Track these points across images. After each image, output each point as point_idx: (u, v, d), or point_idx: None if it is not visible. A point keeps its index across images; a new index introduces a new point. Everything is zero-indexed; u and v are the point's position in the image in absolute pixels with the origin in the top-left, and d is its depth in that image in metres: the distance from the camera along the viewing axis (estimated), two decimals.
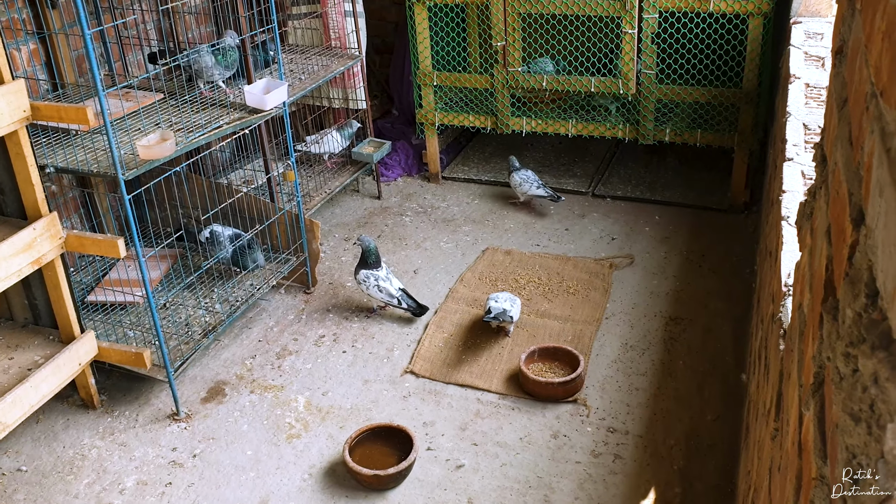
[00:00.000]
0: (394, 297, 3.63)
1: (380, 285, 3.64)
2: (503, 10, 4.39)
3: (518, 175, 4.60)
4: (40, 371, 2.84)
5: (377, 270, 3.66)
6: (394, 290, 3.64)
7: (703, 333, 3.51)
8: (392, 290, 3.64)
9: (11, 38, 3.37)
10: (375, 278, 3.64)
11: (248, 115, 3.36)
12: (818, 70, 3.26)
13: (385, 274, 3.67)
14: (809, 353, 1.05)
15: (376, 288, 3.64)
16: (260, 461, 2.96)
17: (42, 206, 2.81)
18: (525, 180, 4.57)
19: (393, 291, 3.64)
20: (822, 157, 1.26)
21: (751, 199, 4.49)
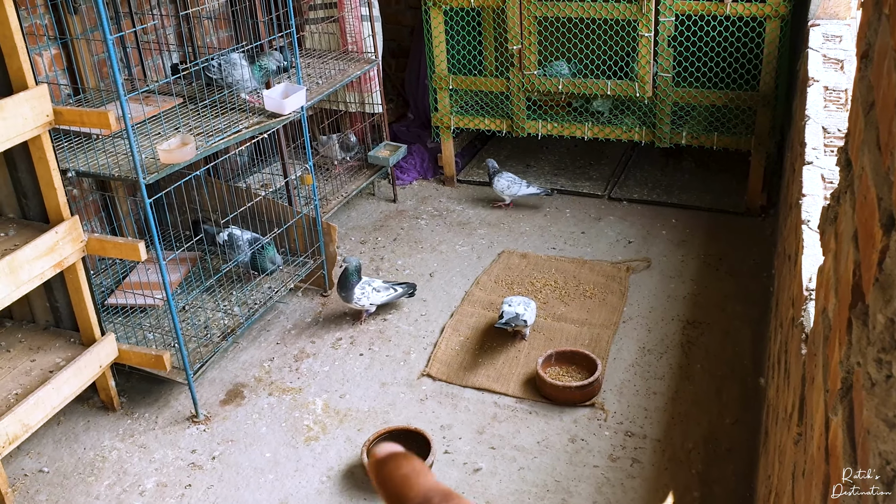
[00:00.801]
0: (391, 291, 3.73)
1: (376, 288, 3.70)
2: (519, 14, 4.40)
3: (503, 179, 4.60)
4: (62, 373, 2.87)
5: (364, 282, 3.70)
6: (385, 285, 3.74)
7: (721, 337, 3.50)
8: (385, 286, 3.74)
9: (34, 43, 3.41)
10: (371, 287, 3.69)
11: (266, 119, 3.38)
12: (837, 73, 3.24)
13: (370, 281, 3.73)
14: (836, 357, 1.05)
15: (375, 293, 3.69)
16: (279, 463, 2.97)
17: (64, 210, 2.85)
18: (513, 182, 4.59)
19: (385, 287, 3.73)
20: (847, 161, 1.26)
21: (768, 203, 4.48)
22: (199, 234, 3.56)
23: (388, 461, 0.37)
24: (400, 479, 0.36)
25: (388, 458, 0.36)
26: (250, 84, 3.47)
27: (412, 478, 0.36)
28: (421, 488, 0.35)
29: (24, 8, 3.34)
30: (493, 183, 4.65)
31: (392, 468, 0.36)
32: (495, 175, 4.64)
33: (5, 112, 2.51)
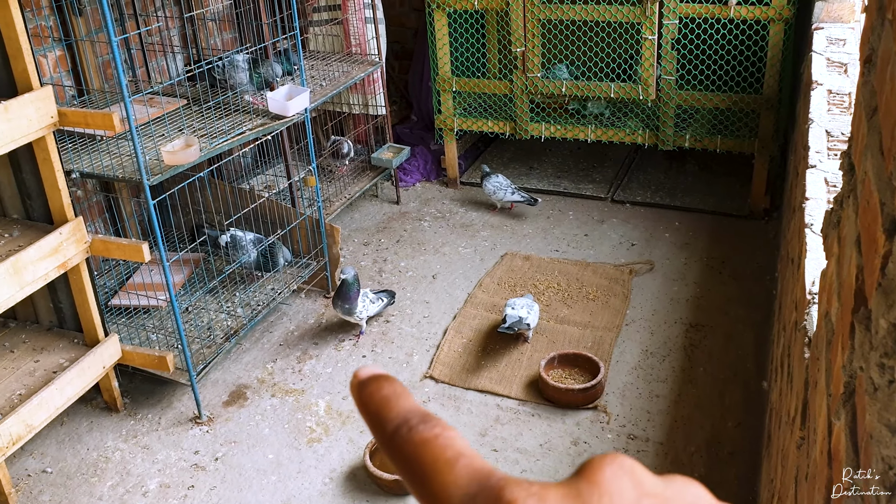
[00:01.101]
0: (380, 301, 3.68)
1: (371, 300, 3.63)
2: (522, 16, 4.40)
3: (491, 182, 4.60)
4: (65, 374, 2.87)
5: (363, 293, 3.60)
6: (375, 295, 3.67)
7: (724, 340, 3.50)
8: (375, 296, 3.67)
9: (39, 44, 3.42)
10: (368, 299, 3.61)
11: (270, 121, 3.39)
12: (841, 76, 3.24)
13: (366, 292, 3.64)
14: (838, 362, 1.05)
15: (371, 305, 3.62)
16: (281, 465, 2.98)
17: (68, 211, 2.85)
18: (499, 187, 4.58)
19: (375, 297, 3.66)
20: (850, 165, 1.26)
21: (771, 206, 4.47)
22: (199, 238, 3.57)
23: (369, 383, 0.37)
24: (380, 400, 0.36)
25: (369, 379, 0.37)
26: (249, 87, 3.49)
27: (392, 399, 0.36)
28: (401, 409, 0.35)
29: (30, 9, 3.35)
30: (482, 185, 4.67)
31: (372, 390, 0.36)
32: (484, 178, 4.65)
33: (10, 113, 2.52)
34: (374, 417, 0.36)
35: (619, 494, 0.31)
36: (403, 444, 0.35)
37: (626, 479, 0.32)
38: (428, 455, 0.34)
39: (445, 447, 0.34)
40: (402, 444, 0.35)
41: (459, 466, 0.33)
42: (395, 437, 0.35)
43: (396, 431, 0.35)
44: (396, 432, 0.35)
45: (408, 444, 0.35)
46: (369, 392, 0.37)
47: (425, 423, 0.35)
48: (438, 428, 0.35)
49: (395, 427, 0.35)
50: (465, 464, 0.33)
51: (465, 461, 0.33)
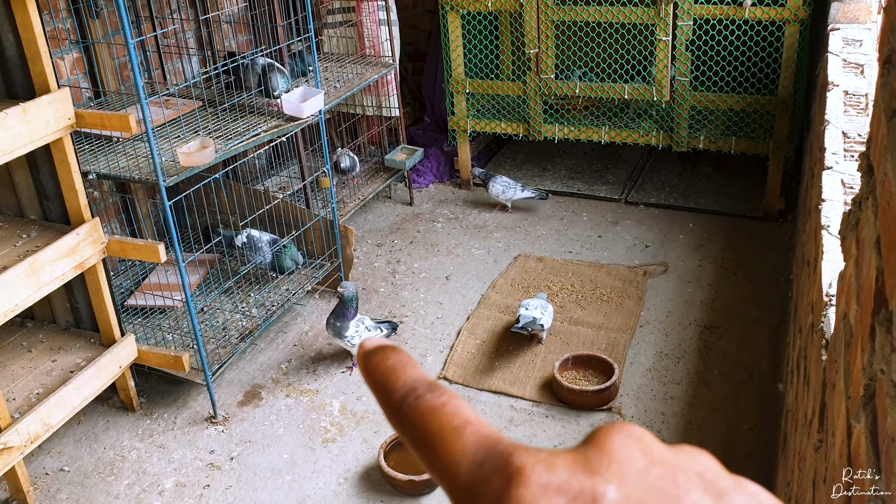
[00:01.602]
0: (379, 331, 3.48)
1: (367, 327, 3.41)
2: (536, 18, 4.40)
3: (498, 183, 4.60)
4: (82, 373, 2.90)
5: (359, 318, 3.40)
6: (374, 324, 3.47)
7: (739, 342, 3.49)
8: (374, 325, 3.46)
9: (56, 47, 3.45)
10: (364, 325, 3.39)
11: (285, 122, 3.40)
12: (857, 77, 3.22)
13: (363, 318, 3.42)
14: (858, 364, 1.05)
15: (367, 332, 3.40)
16: (296, 465, 2.99)
17: (85, 212, 2.88)
18: (507, 186, 4.58)
19: (374, 326, 3.46)
20: (869, 166, 1.26)
21: (786, 208, 4.45)
22: (212, 239, 3.58)
23: (376, 353, 0.36)
24: (386, 370, 0.36)
25: (376, 350, 0.37)
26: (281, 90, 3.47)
27: (398, 369, 0.36)
28: (407, 378, 0.35)
29: (47, 12, 3.38)
30: (488, 188, 4.66)
31: (379, 360, 0.36)
32: (489, 180, 4.64)
33: (28, 115, 2.55)
34: (380, 387, 0.36)
35: (629, 462, 0.31)
36: (410, 413, 0.34)
37: (636, 446, 0.32)
38: (435, 423, 0.33)
39: (453, 415, 0.33)
40: (408, 412, 0.34)
41: (467, 433, 0.33)
42: (401, 405, 0.35)
43: (403, 400, 0.35)
44: (403, 401, 0.35)
45: (415, 412, 0.34)
46: (375, 362, 0.37)
47: (432, 392, 0.35)
48: (445, 396, 0.34)
49: (402, 396, 0.35)
50: (473, 431, 0.33)
51: (473, 428, 0.33)
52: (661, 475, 0.30)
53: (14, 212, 2.99)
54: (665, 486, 0.30)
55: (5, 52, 2.64)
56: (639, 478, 0.30)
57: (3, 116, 2.46)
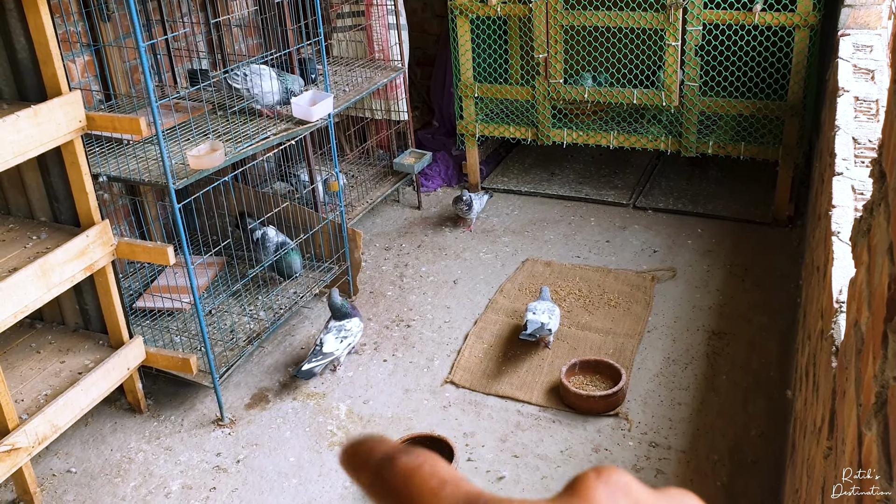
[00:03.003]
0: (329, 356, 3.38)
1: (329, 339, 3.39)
2: (545, 23, 4.40)
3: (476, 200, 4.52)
4: (90, 375, 2.91)
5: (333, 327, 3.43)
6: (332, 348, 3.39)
7: (747, 348, 3.47)
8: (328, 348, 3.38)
9: (67, 49, 3.47)
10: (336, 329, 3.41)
11: (294, 126, 3.41)
12: (867, 83, 3.21)
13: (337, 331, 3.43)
14: (869, 371, 1.04)
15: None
16: (302, 468, 2.99)
17: (95, 214, 2.89)
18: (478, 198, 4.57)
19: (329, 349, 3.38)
20: (881, 172, 1.25)
21: (795, 213, 4.44)
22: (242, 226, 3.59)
23: (350, 444, 0.37)
24: (362, 451, 0.37)
25: (350, 442, 0.37)
26: (273, 98, 3.46)
27: (373, 446, 0.36)
28: (384, 448, 0.36)
29: (59, 15, 3.40)
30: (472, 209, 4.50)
31: (353, 447, 0.37)
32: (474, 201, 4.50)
33: (40, 117, 2.56)
34: (357, 465, 0.36)
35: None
36: (390, 478, 0.34)
37: (620, 494, 0.31)
38: (414, 485, 0.33)
39: (431, 475, 0.34)
40: (389, 477, 0.34)
41: (446, 493, 0.33)
42: (380, 472, 0.35)
43: (381, 466, 0.35)
44: (382, 466, 0.35)
45: (395, 476, 0.34)
46: (352, 450, 0.37)
47: (408, 455, 0.35)
48: (422, 457, 0.35)
49: (378, 463, 0.35)
50: (451, 490, 0.33)
51: (451, 487, 0.33)
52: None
53: (25, 213, 3.01)
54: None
55: (17, 54, 2.66)
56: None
57: (15, 119, 2.47)
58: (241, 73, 3.41)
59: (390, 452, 0.35)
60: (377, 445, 0.36)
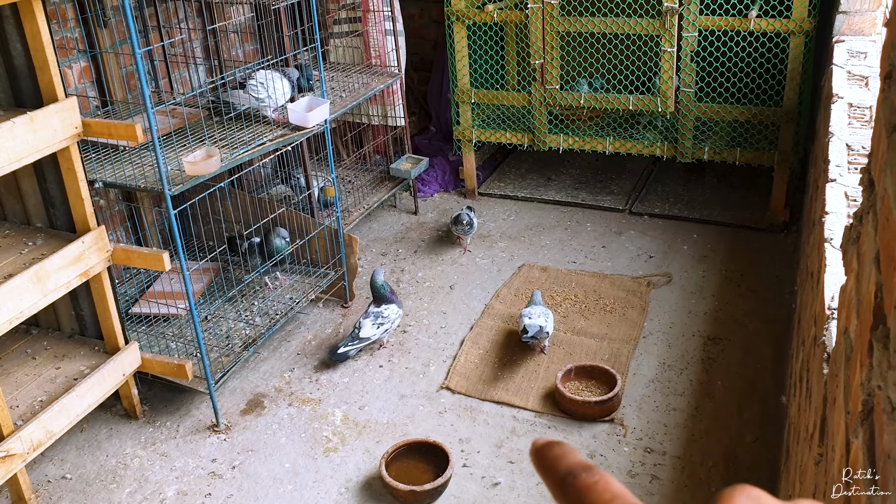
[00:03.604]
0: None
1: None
2: (541, 29, 4.42)
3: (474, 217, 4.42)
4: (86, 381, 2.91)
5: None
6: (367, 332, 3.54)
7: (742, 354, 3.48)
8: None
9: (64, 56, 3.47)
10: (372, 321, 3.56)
11: (290, 132, 3.42)
12: (861, 89, 3.22)
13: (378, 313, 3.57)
14: (857, 379, 1.05)
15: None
16: (298, 474, 2.99)
17: (91, 220, 2.89)
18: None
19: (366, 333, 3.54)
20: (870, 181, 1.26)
21: (790, 219, 4.45)
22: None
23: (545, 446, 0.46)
24: (552, 458, 0.45)
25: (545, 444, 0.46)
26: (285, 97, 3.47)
27: (560, 457, 0.45)
28: (569, 463, 0.44)
29: (56, 22, 3.41)
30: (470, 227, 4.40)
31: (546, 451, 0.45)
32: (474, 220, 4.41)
33: (36, 124, 2.56)
34: (547, 470, 0.45)
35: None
36: (570, 490, 0.43)
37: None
38: (589, 498, 0.41)
39: (604, 491, 0.41)
40: (569, 489, 0.43)
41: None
42: (563, 484, 0.43)
43: (565, 479, 0.43)
44: (565, 480, 0.43)
45: (574, 489, 0.42)
46: (544, 452, 0.46)
47: (587, 472, 0.43)
48: (598, 476, 0.42)
49: (563, 476, 0.43)
50: (620, 502, 0.40)
51: (620, 501, 0.41)
52: None
53: (20, 219, 3.01)
54: None
55: (13, 60, 2.66)
56: None
57: (11, 125, 2.47)
58: (258, 83, 3.41)
59: (574, 468, 0.44)
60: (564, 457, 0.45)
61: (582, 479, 0.43)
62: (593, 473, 0.43)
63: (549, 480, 0.45)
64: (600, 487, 0.42)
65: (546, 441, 0.46)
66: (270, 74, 3.43)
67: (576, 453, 0.45)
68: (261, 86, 3.40)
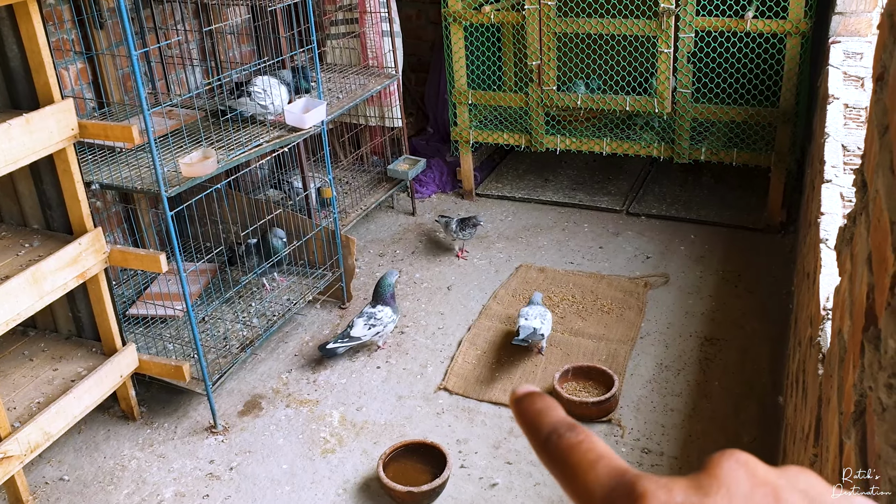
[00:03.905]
0: None
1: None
2: (538, 30, 4.42)
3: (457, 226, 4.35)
4: (83, 382, 2.91)
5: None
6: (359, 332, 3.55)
7: (740, 354, 3.48)
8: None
9: (60, 57, 3.47)
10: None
11: (287, 133, 3.42)
12: (857, 90, 3.23)
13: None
14: (850, 380, 1.05)
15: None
16: (295, 475, 2.99)
17: (87, 222, 2.89)
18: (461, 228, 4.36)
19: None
20: (863, 182, 1.27)
21: (787, 219, 4.45)
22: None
23: (525, 398, 0.44)
24: (534, 412, 0.43)
25: (525, 396, 0.44)
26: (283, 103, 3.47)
27: (544, 412, 0.43)
28: (551, 420, 0.42)
29: (52, 23, 3.41)
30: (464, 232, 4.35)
31: (528, 404, 0.44)
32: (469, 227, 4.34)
33: (32, 125, 2.56)
34: (529, 427, 0.43)
35: (735, 484, 0.36)
36: (554, 450, 0.41)
37: (742, 470, 0.37)
38: (573, 458, 0.40)
39: (588, 450, 0.40)
40: (552, 449, 0.41)
41: (600, 466, 0.39)
42: (547, 443, 0.41)
43: (548, 438, 0.41)
44: (548, 439, 0.41)
45: (557, 449, 0.41)
46: (525, 406, 0.44)
47: (572, 431, 0.41)
48: (583, 435, 0.41)
49: (547, 434, 0.42)
50: (605, 464, 0.39)
51: (605, 462, 0.39)
52: (765, 493, 0.36)
53: (17, 221, 3.01)
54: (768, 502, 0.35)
55: (9, 62, 2.66)
56: (744, 498, 0.35)
57: (7, 127, 2.47)
58: (262, 90, 3.40)
59: (558, 426, 0.42)
60: (547, 413, 0.43)
61: (566, 438, 0.41)
62: (578, 433, 0.41)
63: (531, 437, 0.43)
64: (585, 447, 0.40)
65: (526, 392, 0.45)
66: (269, 81, 3.43)
67: (559, 408, 0.43)
68: (265, 93, 3.41)
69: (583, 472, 0.39)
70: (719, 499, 0.35)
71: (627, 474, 0.38)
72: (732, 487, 0.36)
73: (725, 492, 0.36)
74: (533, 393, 0.44)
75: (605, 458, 0.39)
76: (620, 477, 0.38)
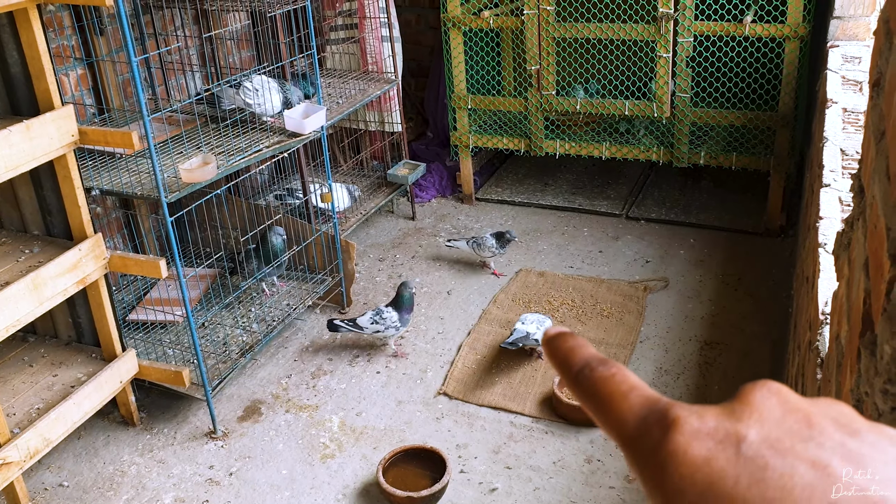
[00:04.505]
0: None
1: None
2: (537, 35, 4.43)
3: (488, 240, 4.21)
4: (83, 388, 2.91)
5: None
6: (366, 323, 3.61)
7: (740, 358, 3.48)
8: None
9: (60, 63, 3.48)
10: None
11: (287, 138, 3.42)
12: (856, 94, 3.23)
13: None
14: (847, 385, 1.06)
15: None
16: (295, 481, 2.99)
17: (87, 228, 2.89)
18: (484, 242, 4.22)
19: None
20: (860, 187, 1.27)
21: (787, 223, 4.46)
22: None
23: (557, 337, 0.45)
24: (566, 349, 0.44)
25: (557, 335, 0.45)
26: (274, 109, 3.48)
27: (575, 349, 0.44)
28: (583, 355, 0.43)
29: (52, 29, 3.41)
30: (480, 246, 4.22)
31: (560, 342, 0.45)
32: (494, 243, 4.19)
33: (32, 132, 2.57)
34: (562, 363, 0.44)
35: (768, 410, 0.37)
36: (586, 382, 0.42)
37: (774, 398, 0.37)
38: (606, 389, 0.41)
39: (621, 382, 0.41)
40: (585, 381, 0.42)
41: (633, 396, 0.40)
42: (579, 376, 0.42)
43: (580, 372, 0.42)
44: (580, 372, 0.42)
45: (590, 381, 0.42)
46: (557, 344, 0.45)
47: (604, 365, 0.42)
48: (615, 368, 0.42)
49: (580, 368, 0.43)
50: (637, 394, 0.40)
51: (637, 392, 0.40)
52: (796, 419, 0.36)
53: (17, 227, 3.02)
54: (800, 428, 0.36)
55: (10, 69, 2.67)
56: (777, 423, 0.36)
57: (7, 133, 2.48)
58: (252, 88, 3.41)
59: (590, 360, 0.43)
60: (579, 350, 0.44)
61: (599, 371, 0.42)
62: (610, 366, 0.42)
63: (564, 373, 0.44)
64: (618, 379, 0.41)
65: (558, 331, 0.46)
66: (267, 82, 3.44)
67: (590, 346, 0.44)
68: (255, 92, 3.41)
69: (616, 402, 0.40)
70: (752, 423, 0.36)
71: (660, 402, 0.39)
72: (765, 413, 0.36)
73: (758, 417, 0.36)
74: (565, 332, 0.46)
75: (638, 388, 0.40)
76: (653, 405, 0.39)
